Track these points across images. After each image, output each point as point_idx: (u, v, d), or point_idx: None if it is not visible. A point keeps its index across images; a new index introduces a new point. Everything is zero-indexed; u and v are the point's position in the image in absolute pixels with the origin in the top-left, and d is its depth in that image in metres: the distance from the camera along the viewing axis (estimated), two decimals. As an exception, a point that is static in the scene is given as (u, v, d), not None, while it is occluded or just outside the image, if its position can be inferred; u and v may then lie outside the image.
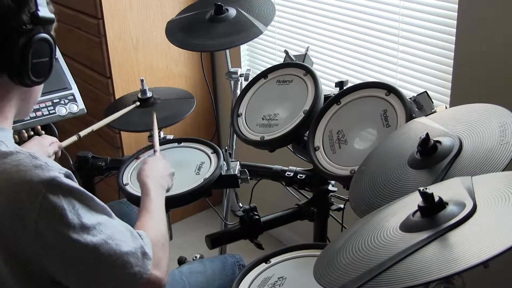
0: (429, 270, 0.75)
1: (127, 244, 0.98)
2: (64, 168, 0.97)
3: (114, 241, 0.96)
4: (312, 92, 1.56)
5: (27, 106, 1.09)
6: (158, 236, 1.09)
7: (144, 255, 1.00)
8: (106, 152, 2.64)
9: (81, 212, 0.94)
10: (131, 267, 0.97)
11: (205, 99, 2.71)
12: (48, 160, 0.95)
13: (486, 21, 1.58)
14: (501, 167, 0.93)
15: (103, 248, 0.94)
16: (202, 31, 1.81)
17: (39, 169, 0.92)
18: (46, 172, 0.92)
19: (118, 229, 0.99)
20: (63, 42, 2.15)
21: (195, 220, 2.89)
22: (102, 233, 0.95)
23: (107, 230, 0.96)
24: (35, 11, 0.98)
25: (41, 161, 0.93)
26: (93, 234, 0.94)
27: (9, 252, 0.93)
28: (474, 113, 1.13)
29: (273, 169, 1.63)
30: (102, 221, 0.97)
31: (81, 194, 0.96)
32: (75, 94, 1.73)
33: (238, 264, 1.50)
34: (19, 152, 0.94)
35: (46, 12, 1.00)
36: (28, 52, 0.98)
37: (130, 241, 0.99)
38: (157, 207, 1.21)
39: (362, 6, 1.99)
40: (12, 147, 0.96)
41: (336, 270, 0.88)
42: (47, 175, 0.91)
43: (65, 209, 0.92)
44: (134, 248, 0.99)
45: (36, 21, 0.98)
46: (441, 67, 1.78)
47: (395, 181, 1.09)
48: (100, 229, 0.96)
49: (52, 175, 0.92)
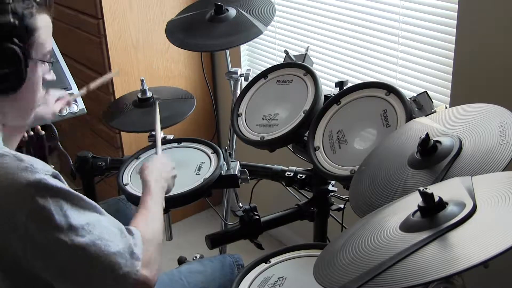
0: (429, 270, 0.75)
1: (115, 244, 0.97)
2: (50, 168, 0.96)
3: (102, 242, 0.96)
4: (312, 92, 1.56)
5: (22, 111, 1.08)
6: (151, 235, 1.09)
7: (132, 255, 0.99)
8: (106, 152, 2.64)
9: (69, 213, 0.94)
10: (120, 268, 0.97)
11: (205, 99, 2.71)
12: (34, 161, 0.95)
13: (486, 21, 1.58)
14: (501, 167, 0.93)
15: (91, 249, 0.94)
16: (202, 31, 1.81)
17: (25, 171, 0.92)
18: (33, 175, 0.92)
19: (108, 228, 0.99)
20: (63, 42, 2.16)
21: (195, 220, 2.89)
22: (91, 234, 0.95)
23: (96, 230, 0.96)
24: None
25: (27, 163, 0.93)
26: (81, 235, 0.94)
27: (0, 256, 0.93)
28: (474, 113, 1.13)
29: (273, 169, 1.63)
30: (91, 221, 0.96)
31: (68, 194, 0.96)
32: (75, 94, 1.73)
33: (237, 264, 1.50)
34: (4, 155, 0.94)
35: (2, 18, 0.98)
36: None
37: (119, 241, 0.99)
38: (155, 206, 1.21)
39: (362, 6, 1.99)
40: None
41: (336, 270, 0.88)
42: (33, 177, 0.92)
43: (53, 211, 0.92)
44: (122, 248, 0.98)
45: None
46: (441, 67, 1.78)
47: (395, 181, 1.09)
48: (89, 229, 0.95)
49: (39, 177, 0.92)
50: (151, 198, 1.22)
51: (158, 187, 1.27)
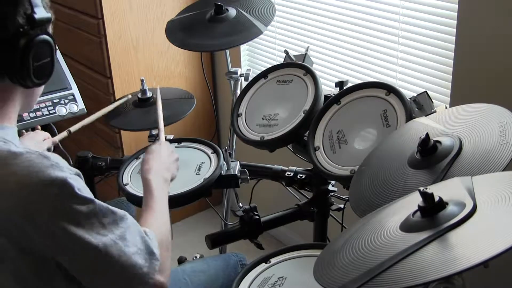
0: (429, 270, 0.75)
1: (134, 244, 0.98)
2: (73, 168, 0.96)
3: (123, 241, 0.96)
4: (312, 92, 1.56)
5: (30, 102, 1.09)
6: (161, 238, 1.09)
7: (151, 255, 1.00)
8: (106, 152, 2.64)
9: (92, 212, 0.94)
10: (140, 268, 0.97)
11: (205, 99, 2.71)
12: (59, 160, 0.95)
13: (486, 21, 1.58)
14: (501, 167, 0.93)
15: (113, 248, 0.94)
16: (202, 31, 1.81)
17: (50, 169, 0.91)
18: (57, 173, 0.91)
19: (127, 227, 0.99)
20: (63, 42, 2.16)
21: (195, 220, 2.89)
22: (112, 233, 0.95)
23: (117, 230, 0.97)
24: (31, 13, 0.96)
25: (52, 161, 0.93)
26: (103, 234, 0.94)
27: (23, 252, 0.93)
28: (474, 113, 1.13)
29: (273, 169, 1.63)
30: (113, 220, 0.97)
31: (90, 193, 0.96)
32: (75, 94, 1.74)
33: (241, 263, 1.50)
34: (29, 152, 0.94)
35: (42, 13, 0.98)
36: (28, 56, 0.97)
37: (138, 241, 0.99)
38: (161, 206, 1.19)
39: (362, 6, 1.99)
40: (21, 147, 0.96)
41: (336, 270, 0.88)
42: (58, 175, 0.91)
43: (76, 209, 0.92)
44: (141, 248, 0.99)
45: (33, 24, 0.97)
46: (441, 67, 1.78)
47: (395, 181, 1.09)
48: (110, 228, 0.96)
49: (64, 176, 0.92)
50: (155, 198, 1.20)
51: (160, 183, 1.25)
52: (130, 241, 0.97)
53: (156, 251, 1.01)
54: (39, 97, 1.12)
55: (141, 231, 1.02)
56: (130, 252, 0.96)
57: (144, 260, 0.98)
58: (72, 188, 0.92)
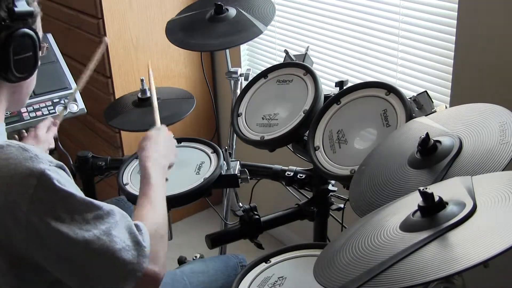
0: (429, 270, 0.75)
1: (121, 240, 0.95)
2: (55, 160, 0.95)
3: (108, 237, 0.94)
4: (312, 92, 1.56)
5: (19, 100, 1.07)
6: (157, 227, 1.06)
7: (139, 251, 0.97)
8: (106, 152, 2.64)
9: (72, 206, 0.92)
10: (125, 264, 0.95)
11: (205, 99, 2.71)
12: (39, 152, 0.93)
13: (486, 21, 1.58)
14: (501, 167, 0.93)
15: (96, 243, 0.92)
16: (202, 31, 1.81)
17: (29, 161, 0.90)
18: (37, 164, 0.90)
19: (114, 223, 0.96)
20: (63, 42, 2.16)
21: (195, 220, 2.89)
22: (96, 228, 0.93)
23: (102, 225, 0.94)
24: (12, 6, 0.95)
25: (31, 153, 0.92)
26: (86, 229, 0.92)
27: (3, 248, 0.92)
28: (474, 113, 1.13)
29: (273, 169, 1.63)
30: (97, 215, 0.94)
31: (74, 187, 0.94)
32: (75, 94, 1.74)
33: (241, 265, 1.49)
34: (9, 145, 0.93)
35: (24, 6, 0.97)
36: (8, 49, 0.96)
37: (126, 236, 0.96)
38: (157, 195, 1.17)
39: (362, 6, 1.99)
40: (1, 141, 0.95)
41: (336, 270, 0.88)
42: (37, 167, 0.90)
43: (56, 202, 0.91)
44: (128, 244, 0.96)
45: (13, 17, 0.96)
46: (441, 67, 1.78)
47: (395, 181, 1.09)
48: (94, 223, 0.93)
49: (43, 167, 0.90)
50: (152, 187, 1.18)
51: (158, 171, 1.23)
52: (116, 237, 0.95)
53: (146, 245, 0.98)
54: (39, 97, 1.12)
55: (130, 226, 0.99)
56: (115, 248, 0.94)
57: (131, 256, 0.95)
58: (51, 180, 0.90)
